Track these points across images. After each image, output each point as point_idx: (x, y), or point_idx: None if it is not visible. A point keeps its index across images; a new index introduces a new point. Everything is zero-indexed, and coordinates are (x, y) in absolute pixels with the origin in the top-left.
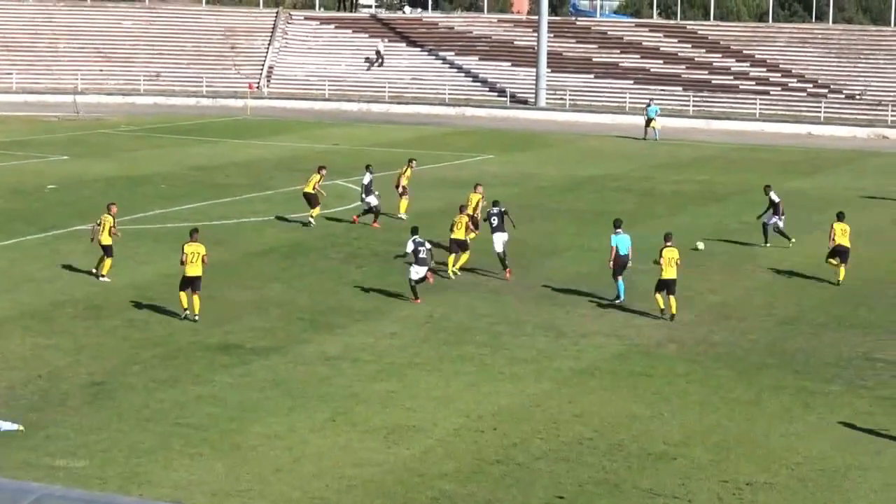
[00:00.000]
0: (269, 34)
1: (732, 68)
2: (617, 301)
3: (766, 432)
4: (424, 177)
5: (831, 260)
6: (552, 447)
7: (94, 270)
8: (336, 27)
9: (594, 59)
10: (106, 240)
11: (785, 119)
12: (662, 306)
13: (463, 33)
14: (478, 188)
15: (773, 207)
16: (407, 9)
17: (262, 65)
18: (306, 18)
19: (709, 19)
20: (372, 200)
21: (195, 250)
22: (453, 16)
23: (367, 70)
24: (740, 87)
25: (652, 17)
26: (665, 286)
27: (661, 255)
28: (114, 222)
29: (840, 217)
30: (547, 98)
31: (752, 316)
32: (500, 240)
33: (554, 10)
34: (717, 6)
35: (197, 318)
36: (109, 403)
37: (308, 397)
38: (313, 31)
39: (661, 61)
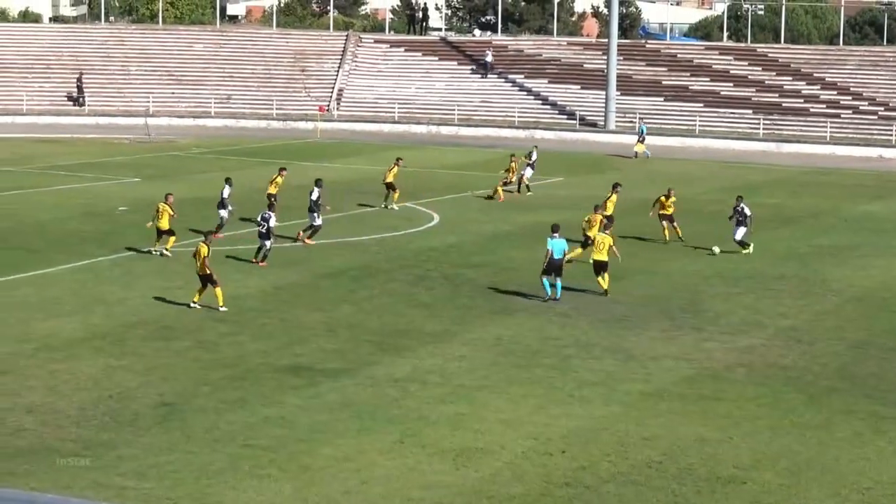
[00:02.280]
0: (340, 57)
1: (803, 91)
2: (547, 300)
3: (836, 457)
4: (495, 200)
5: None
6: (621, 470)
7: (154, 249)
8: (406, 50)
9: (664, 82)
10: (164, 225)
11: (855, 142)
12: (605, 287)
13: (532, 56)
14: (616, 188)
15: (740, 217)
16: (477, 32)
17: (332, 88)
18: (376, 41)
19: (779, 42)
20: (316, 219)
21: (200, 251)
22: (522, 39)
23: (482, 77)
24: (811, 110)
25: (722, 39)
26: (600, 268)
27: (593, 240)
28: (172, 210)
29: None
30: (616, 121)
31: (822, 339)
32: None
33: (624, 33)
34: (787, 29)
35: (224, 308)
36: (179, 424)
37: (377, 419)
38: (383, 54)
39: (731, 84)
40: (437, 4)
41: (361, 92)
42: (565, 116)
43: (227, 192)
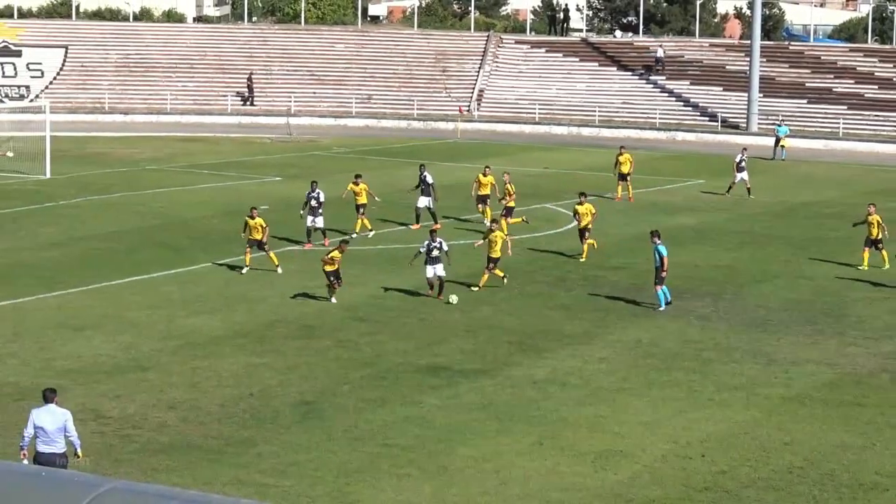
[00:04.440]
0: (480, 58)
1: None
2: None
3: None
4: (638, 200)
5: None
6: (761, 475)
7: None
8: (546, 51)
9: (807, 84)
10: (257, 235)
11: None
12: (590, 246)
13: (674, 57)
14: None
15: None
16: (618, 33)
17: (473, 88)
18: (517, 42)
19: None
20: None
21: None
22: (664, 40)
23: (652, 74)
24: None
25: (867, 41)
26: (583, 233)
27: (576, 211)
28: (264, 224)
29: None
30: (759, 123)
31: None
32: None
33: (767, 34)
34: None
35: (279, 269)
36: (319, 423)
37: (515, 420)
38: (524, 54)
39: (875, 87)
40: (578, 5)
41: (502, 92)
42: (707, 118)
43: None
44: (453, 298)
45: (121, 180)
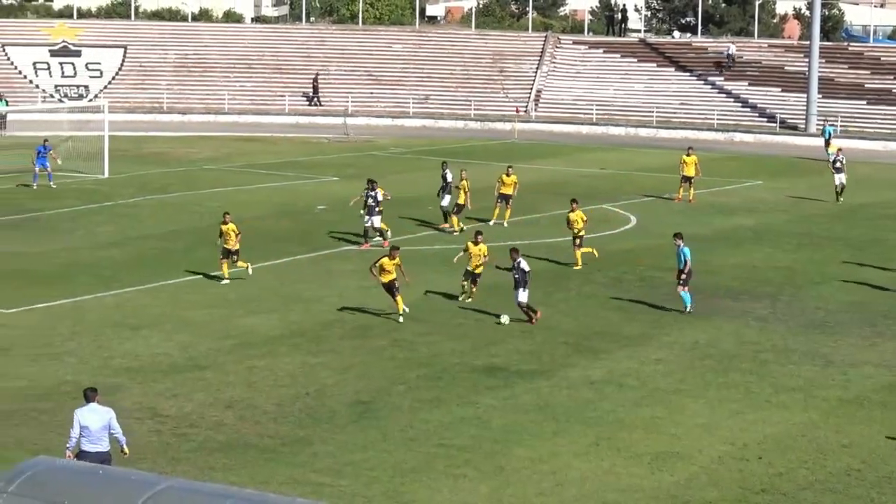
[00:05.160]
0: (538, 58)
1: None
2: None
3: None
4: (696, 201)
5: None
6: (818, 478)
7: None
8: (604, 51)
9: (866, 85)
10: (230, 242)
11: None
12: (585, 255)
13: (734, 58)
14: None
15: None
16: (676, 33)
17: (530, 89)
18: (574, 43)
19: None
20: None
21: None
22: (723, 41)
23: (725, 69)
24: None
25: None
26: (577, 239)
27: (569, 219)
28: (236, 229)
29: None
30: (817, 124)
31: None
32: None
33: (826, 35)
34: None
35: (250, 270)
36: (374, 423)
37: (572, 421)
38: (581, 55)
39: None
40: (636, 6)
41: (559, 93)
42: (765, 119)
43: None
44: (504, 319)
45: (178, 180)
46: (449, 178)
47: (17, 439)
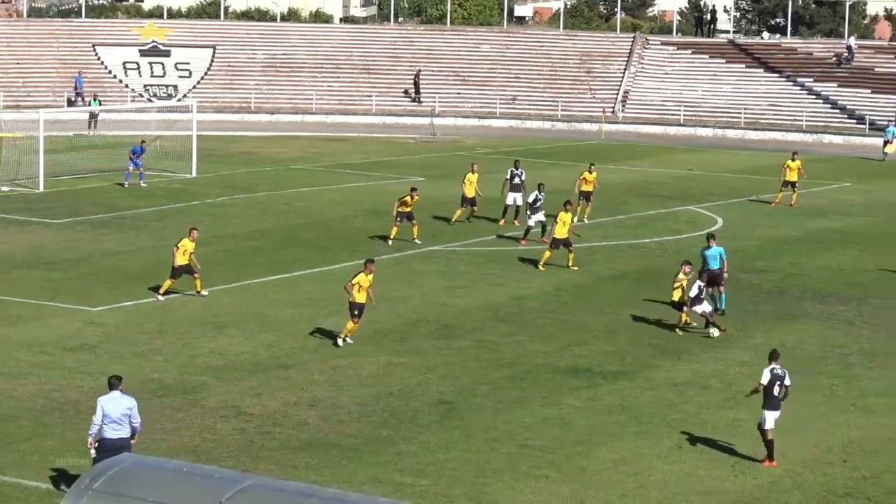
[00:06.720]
0: (626, 59)
1: None
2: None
3: None
4: (783, 204)
5: None
6: None
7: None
8: (693, 52)
9: None
10: (181, 261)
11: None
12: (570, 264)
13: (822, 59)
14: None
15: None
16: (765, 34)
17: (618, 89)
18: (663, 44)
19: None
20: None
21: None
22: (813, 42)
23: (844, 62)
24: None
25: None
26: (562, 243)
27: (556, 218)
28: (192, 248)
29: None
30: None
31: None
32: None
33: None
34: None
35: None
36: (457, 423)
37: (655, 423)
38: (669, 56)
39: None
40: (725, 7)
41: (647, 94)
42: (854, 121)
43: (532, 196)
44: (713, 332)
45: (265, 179)
46: (523, 177)
47: None
